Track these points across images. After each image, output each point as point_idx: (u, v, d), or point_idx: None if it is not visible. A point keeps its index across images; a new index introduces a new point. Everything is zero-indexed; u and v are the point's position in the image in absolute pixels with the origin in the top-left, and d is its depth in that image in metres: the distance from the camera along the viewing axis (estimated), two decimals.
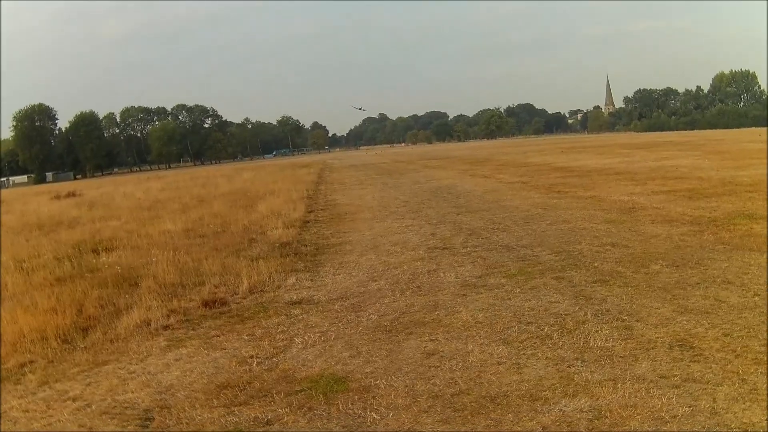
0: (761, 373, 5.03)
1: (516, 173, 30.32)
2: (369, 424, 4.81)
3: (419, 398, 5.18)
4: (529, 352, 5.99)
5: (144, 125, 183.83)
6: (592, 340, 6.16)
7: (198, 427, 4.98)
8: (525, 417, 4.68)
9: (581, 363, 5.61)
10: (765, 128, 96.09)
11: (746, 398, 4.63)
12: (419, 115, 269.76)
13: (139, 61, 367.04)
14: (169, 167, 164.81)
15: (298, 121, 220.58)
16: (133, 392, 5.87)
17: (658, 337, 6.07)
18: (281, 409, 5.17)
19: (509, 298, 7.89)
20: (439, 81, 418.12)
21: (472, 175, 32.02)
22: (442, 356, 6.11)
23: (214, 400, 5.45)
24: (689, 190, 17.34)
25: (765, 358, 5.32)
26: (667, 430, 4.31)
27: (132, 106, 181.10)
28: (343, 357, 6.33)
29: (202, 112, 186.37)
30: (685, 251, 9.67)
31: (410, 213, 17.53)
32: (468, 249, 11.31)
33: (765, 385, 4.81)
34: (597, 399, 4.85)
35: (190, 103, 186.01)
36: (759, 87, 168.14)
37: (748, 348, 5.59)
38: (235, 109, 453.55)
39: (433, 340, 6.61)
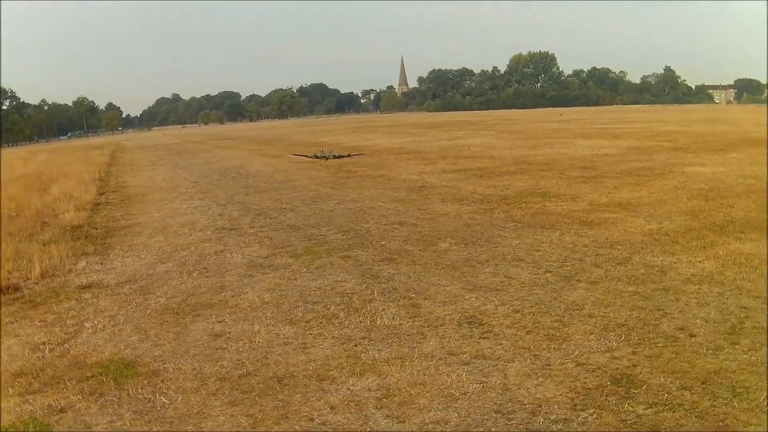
0: (554, 348, 5.32)
1: (305, 153, 30.55)
2: (159, 408, 4.77)
3: (207, 381, 5.18)
4: (316, 332, 6.04)
5: None
6: (378, 318, 6.28)
7: None
8: (313, 397, 4.71)
9: (368, 342, 5.71)
10: (563, 108, 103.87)
11: (539, 374, 4.86)
12: (212, 95, 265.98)
13: None
14: None
15: (93, 102, 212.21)
16: None
17: (446, 315, 6.28)
18: (73, 396, 5.11)
19: (296, 278, 7.97)
20: (231, 60, 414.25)
21: (263, 155, 32.48)
22: (229, 338, 6.14)
23: (9, 389, 5.37)
24: (481, 169, 18.36)
25: (558, 334, 5.66)
26: (458, 406, 4.42)
27: None
28: (132, 341, 6.31)
29: None
30: (475, 229, 10.16)
31: (199, 194, 17.82)
32: (255, 229, 11.44)
33: (558, 360, 5.09)
34: (385, 377, 4.92)
35: None
36: (557, 68, 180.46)
37: (540, 324, 5.91)
38: (33, 90, 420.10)
39: (220, 321, 6.64)
